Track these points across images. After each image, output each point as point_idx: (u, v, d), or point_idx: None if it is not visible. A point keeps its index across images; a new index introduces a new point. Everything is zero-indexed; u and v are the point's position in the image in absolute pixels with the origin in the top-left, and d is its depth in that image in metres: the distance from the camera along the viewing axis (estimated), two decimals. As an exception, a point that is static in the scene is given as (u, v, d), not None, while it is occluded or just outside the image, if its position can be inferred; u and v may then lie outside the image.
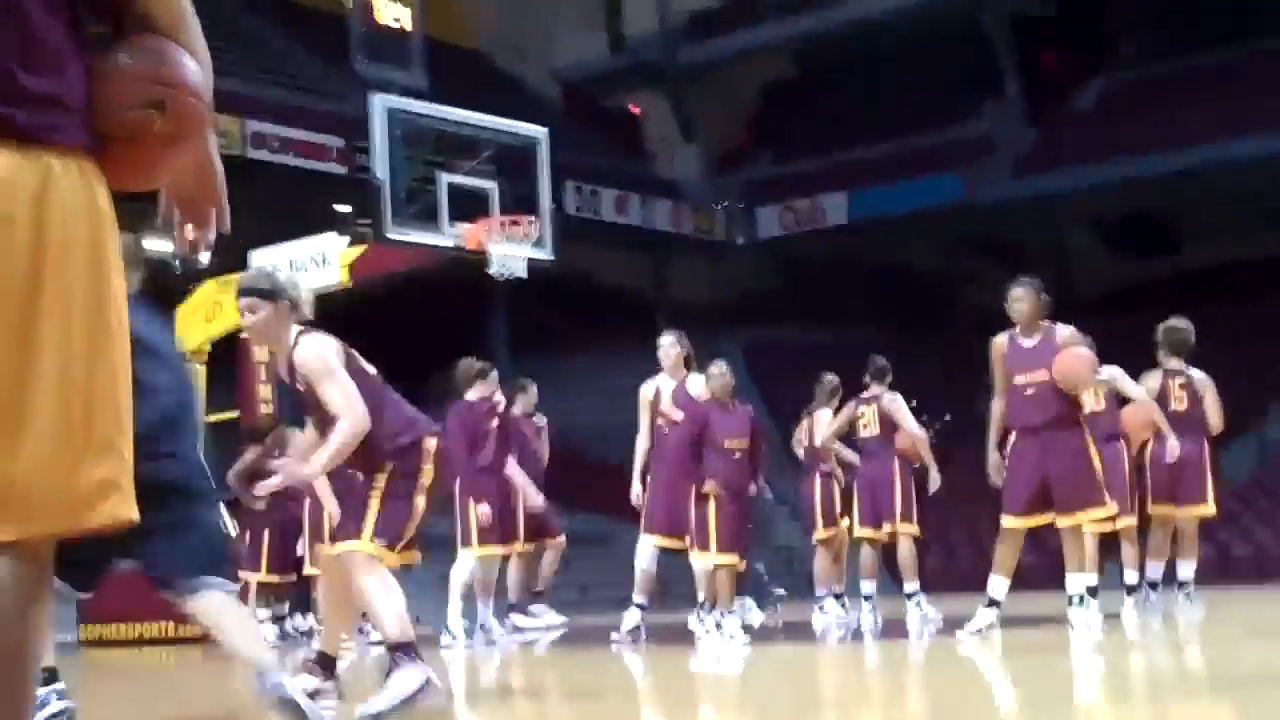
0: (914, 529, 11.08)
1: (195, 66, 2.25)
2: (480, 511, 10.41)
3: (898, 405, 11.16)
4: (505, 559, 11.31)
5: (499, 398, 10.88)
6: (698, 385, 9.94)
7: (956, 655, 8.06)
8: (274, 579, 12.94)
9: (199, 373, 15.38)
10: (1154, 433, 10.33)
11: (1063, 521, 8.58)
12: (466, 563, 10.64)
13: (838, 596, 11.81)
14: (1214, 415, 10.38)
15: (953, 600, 11.68)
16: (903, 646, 9.43)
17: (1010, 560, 8.67)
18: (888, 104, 32.91)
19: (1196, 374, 10.43)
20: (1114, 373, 10.14)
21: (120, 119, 2.17)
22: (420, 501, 5.68)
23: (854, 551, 11.82)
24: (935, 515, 12.30)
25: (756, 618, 11.15)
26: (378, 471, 5.66)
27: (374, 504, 5.63)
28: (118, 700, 8.14)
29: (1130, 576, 10.57)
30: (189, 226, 2.42)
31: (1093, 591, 10.69)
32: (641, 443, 10.13)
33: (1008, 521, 8.64)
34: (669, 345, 10.08)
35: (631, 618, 9.92)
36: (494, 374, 10.90)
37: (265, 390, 14.87)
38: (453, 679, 8.10)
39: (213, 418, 15.28)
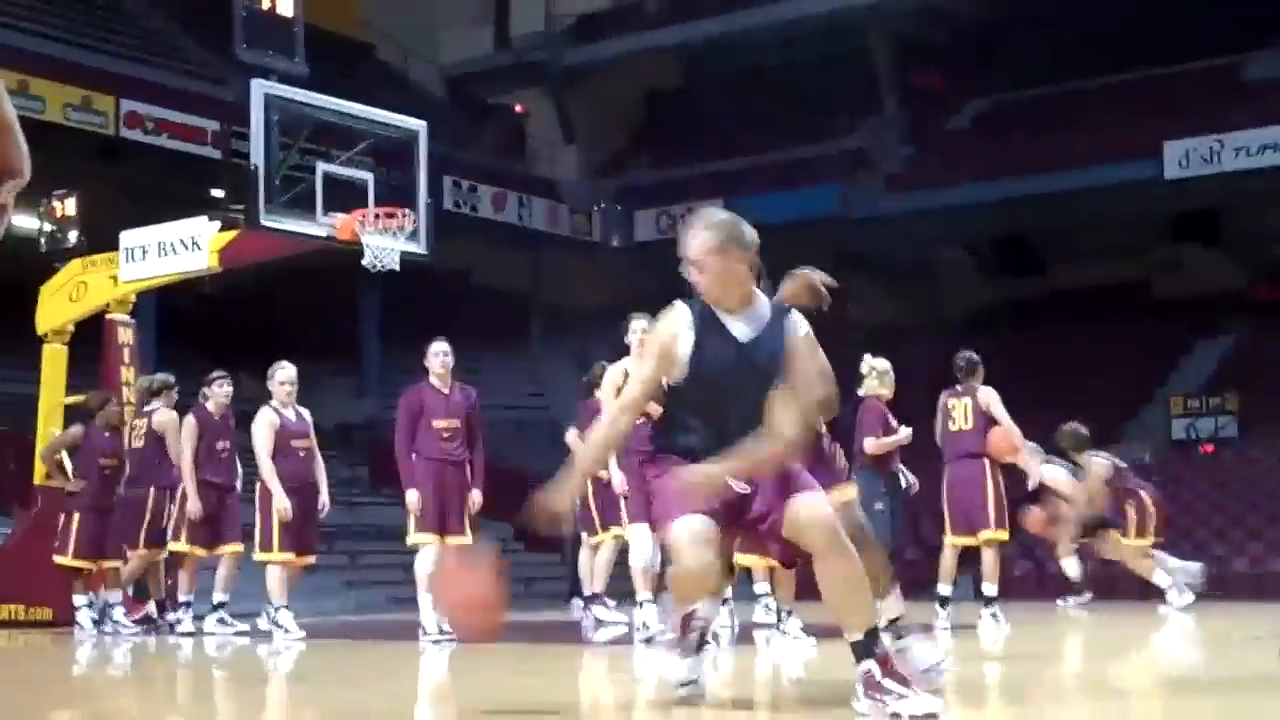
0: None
1: None
2: None
3: None
4: None
5: None
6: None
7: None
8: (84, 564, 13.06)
9: (60, 353, 15.08)
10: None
11: None
12: None
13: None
14: None
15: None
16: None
17: None
18: (768, 115, 33.14)
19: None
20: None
21: None
22: None
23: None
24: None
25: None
26: None
27: None
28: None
29: (988, 589, 11.04)
30: None
31: (942, 601, 10.98)
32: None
33: None
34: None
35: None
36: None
37: (128, 373, 14.60)
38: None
39: (72, 400, 14.99)
